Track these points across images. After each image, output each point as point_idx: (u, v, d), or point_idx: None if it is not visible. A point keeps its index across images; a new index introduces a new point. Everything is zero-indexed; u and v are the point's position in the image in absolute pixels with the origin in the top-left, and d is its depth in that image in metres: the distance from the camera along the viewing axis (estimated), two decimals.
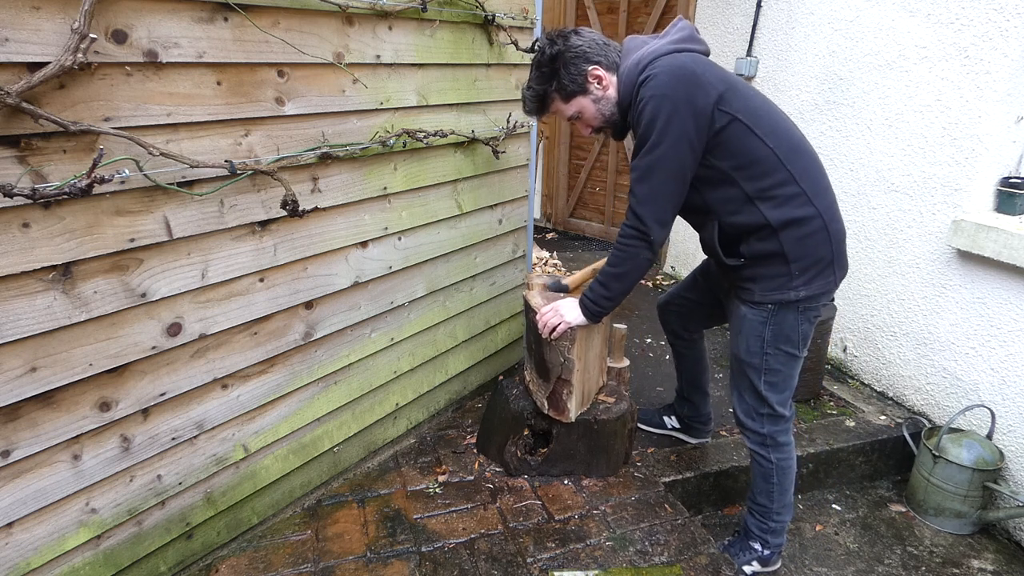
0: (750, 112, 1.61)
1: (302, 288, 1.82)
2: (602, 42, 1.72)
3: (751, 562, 2.01)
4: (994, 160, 2.40)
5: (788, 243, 1.64)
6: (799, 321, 1.73)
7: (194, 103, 1.44)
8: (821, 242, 1.66)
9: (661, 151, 1.59)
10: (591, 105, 1.75)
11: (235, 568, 1.78)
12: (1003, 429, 2.36)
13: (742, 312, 1.78)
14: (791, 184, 1.63)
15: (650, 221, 1.65)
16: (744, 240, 1.69)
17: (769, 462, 1.88)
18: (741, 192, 1.64)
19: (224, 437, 1.74)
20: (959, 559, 2.25)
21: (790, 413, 1.87)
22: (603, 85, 1.72)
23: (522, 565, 1.82)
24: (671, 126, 1.56)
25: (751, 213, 1.65)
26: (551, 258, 4.42)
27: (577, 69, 1.69)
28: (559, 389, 2.03)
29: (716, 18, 3.57)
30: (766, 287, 1.71)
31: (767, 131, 1.62)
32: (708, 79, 1.58)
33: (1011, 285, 2.30)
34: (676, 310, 2.21)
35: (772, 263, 1.68)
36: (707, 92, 1.56)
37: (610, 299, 1.81)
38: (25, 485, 1.37)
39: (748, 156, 1.62)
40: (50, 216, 1.27)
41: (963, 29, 2.37)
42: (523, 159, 2.55)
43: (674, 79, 1.56)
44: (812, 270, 1.67)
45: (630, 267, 1.73)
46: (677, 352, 2.32)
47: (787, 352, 1.76)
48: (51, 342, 1.33)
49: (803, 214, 1.64)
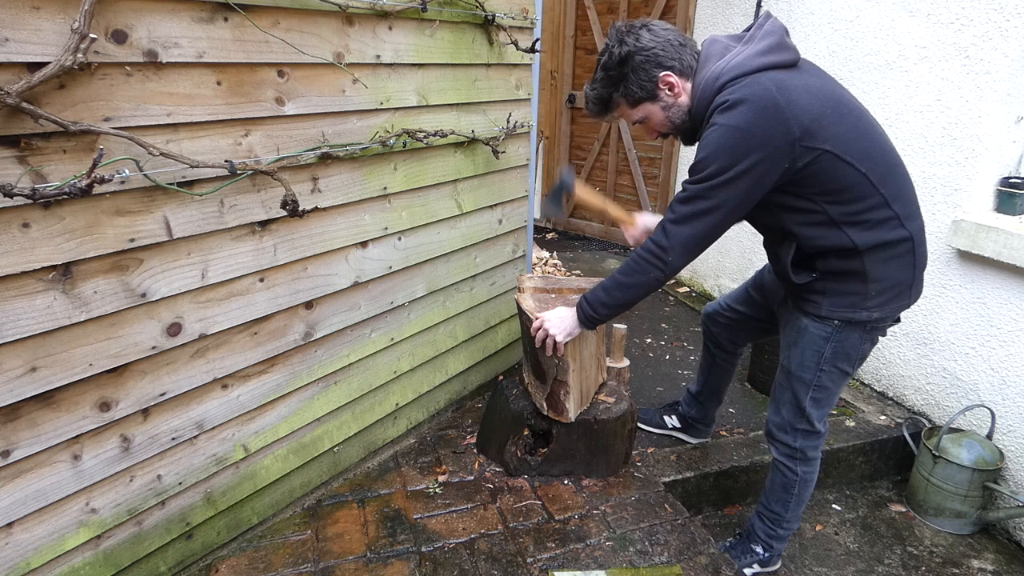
0: (841, 139, 1.45)
1: (302, 288, 1.82)
2: (677, 43, 1.55)
3: (752, 564, 2.01)
4: (994, 160, 2.40)
5: (871, 263, 1.54)
6: (862, 341, 1.64)
7: (194, 103, 1.44)
8: (905, 265, 1.57)
9: (715, 188, 1.46)
10: (660, 112, 1.61)
11: (235, 568, 1.78)
12: (1003, 429, 2.36)
13: (803, 324, 1.68)
14: (884, 208, 1.51)
15: (676, 245, 1.53)
16: (823, 257, 1.58)
17: (794, 474, 1.84)
18: (826, 217, 1.52)
19: (224, 437, 1.74)
20: (959, 559, 2.25)
21: (825, 430, 1.81)
22: (675, 92, 1.57)
23: (522, 565, 1.82)
24: (737, 164, 1.42)
25: (836, 237, 1.53)
26: (551, 258, 4.42)
27: (647, 75, 1.55)
28: (556, 390, 2.03)
29: (716, 18, 3.57)
30: (837, 303, 1.60)
31: (860, 156, 1.47)
32: (793, 112, 1.40)
33: (1011, 285, 2.30)
34: (725, 323, 2.12)
35: (848, 280, 1.57)
36: (789, 128, 1.41)
37: (608, 307, 1.71)
38: (25, 485, 1.37)
39: (838, 184, 1.48)
40: (50, 216, 1.27)
41: (963, 29, 2.37)
42: (523, 159, 2.55)
43: (754, 112, 1.40)
44: (889, 292, 1.58)
45: (638, 281, 1.63)
46: (713, 362, 2.24)
47: (842, 370, 1.68)
48: (51, 342, 1.33)
49: (894, 237, 1.53)
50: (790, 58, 1.50)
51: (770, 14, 1.56)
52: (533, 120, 2.53)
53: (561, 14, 4.68)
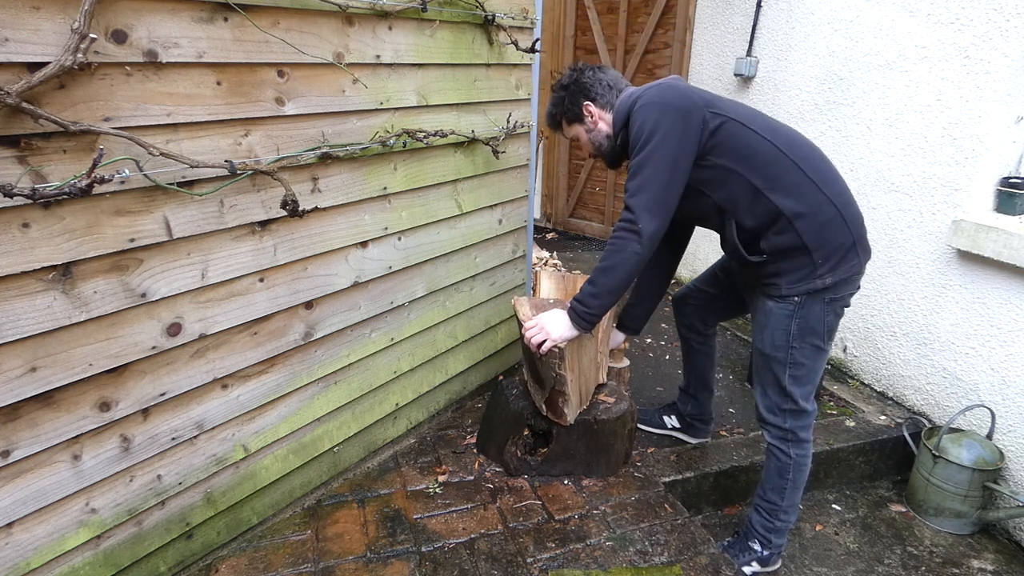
0: (741, 113, 1.73)
1: (302, 288, 1.82)
2: (607, 85, 1.89)
3: (751, 562, 2.01)
4: (994, 160, 2.40)
5: (806, 234, 1.67)
6: (825, 312, 1.75)
7: (194, 103, 1.44)
8: (838, 228, 1.69)
9: (651, 147, 1.67)
10: (584, 133, 1.95)
11: (235, 568, 1.78)
12: (1003, 429, 2.37)
13: (768, 307, 1.80)
14: (796, 172, 1.68)
15: (639, 211, 1.67)
16: (763, 236, 1.73)
17: (788, 457, 1.89)
18: (748, 184, 1.70)
19: (224, 437, 1.75)
20: (959, 559, 2.25)
21: (812, 408, 1.87)
22: (594, 120, 1.91)
23: (522, 565, 1.82)
24: (660, 125, 1.67)
25: (763, 204, 1.70)
26: (551, 258, 4.42)
27: (574, 100, 1.90)
28: (555, 398, 2.03)
29: (716, 18, 3.57)
30: (791, 279, 1.73)
31: (762, 127, 1.72)
32: (694, 91, 1.75)
33: (1011, 285, 2.30)
34: (695, 303, 2.22)
35: (794, 256, 1.71)
36: (694, 99, 1.71)
37: (597, 297, 1.75)
38: (25, 485, 1.37)
39: (748, 149, 1.69)
40: (50, 216, 1.27)
41: (963, 29, 2.37)
42: (523, 159, 2.55)
43: (662, 90, 1.74)
44: (835, 257, 1.70)
45: (618, 260, 1.71)
46: (690, 348, 2.32)
47: (813, 345, 1.78)
48: (51, 342, 1.33)
49: (815, 202, 1.68)
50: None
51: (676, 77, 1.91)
52: (533, 120, 2.53)
53: (561, 14, 4.68)
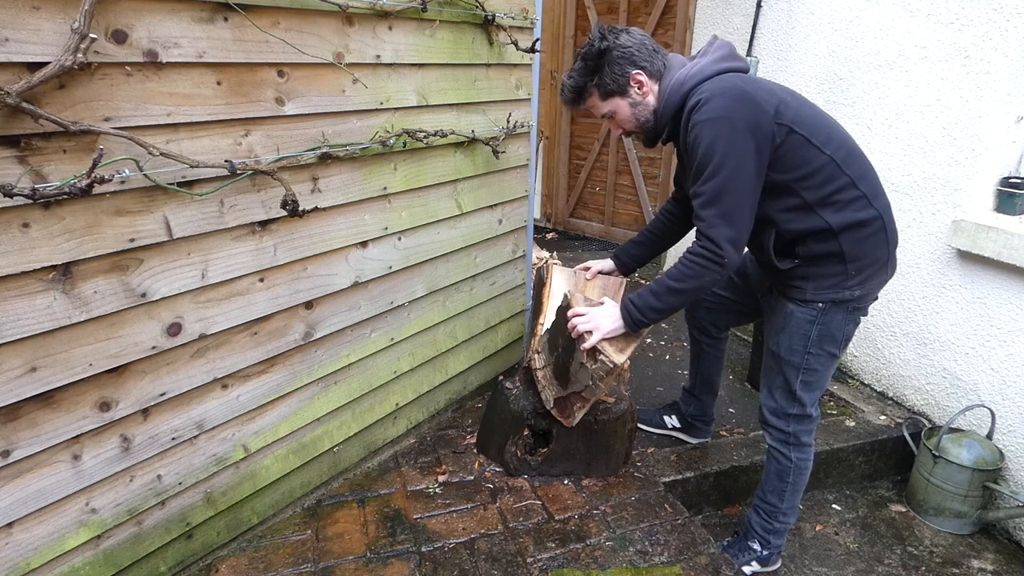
0: (804, 122, 1.59)
1: (302, 288, 1.82)
2: (651, 48, 1.69)
3: (750, 562, 2.01)
4: (994, 160, 2.40)
5: (848, 244, 1.63)
6: (846, 322, 1.72)
7: (194, 103, 1.44)
8: (880, 243, 1.66)
9: (727, 173, 1.54)
10: (627, 108, 1.72)
11: (235, 568, 1.78)
12: (1003, 429, 2.37)
13: (789, 310, 1.75)
14: (852, 188, 1.62)
15: (724, 243, 1.57)
16: (802, 242, 1.67)
17: (789, 460, 1.88)
18: (802, 201, 1.62)
19: (224, 437, 1.74)
20: (959, 559, 2.25)
21: (817, 414, 1.86)
22: (643, 91, 1.70)
23: (522, 565, 1.82)
24: (733, 147, 1.53)
25: (812, 220, 1.63)
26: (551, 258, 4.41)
27: (621, 70, 1.67)
28: (572, 400, 2.02)
29: (716, 18, 3.57)
30: (820, 286, 1.68)
31: (824, 140, 1.60)
32: (760, 96, 1.56)
33: (1011, 285, 2.30)
34: (708, 307, 2.17)
35: (828, 263, 1.66)
36: (763, 109, 1.55)
37: (658, 312, 1.72)
38: (25, 485, 1.37)
39: (809, 166, 1.60)
40: (50, 216, 1.27)
41: (963, 29, 2.37)
42: (523, 159, 2.55)
43: (728, 100, 1.54)
44: (868, 270, 1.67)
45: (693, 286, 1.65)
46: (700, 350, 2.29)
47: (829, 352, 1.75)
48: (51, 342, 1.33)
49: (865, 216, 1.63)
50: (743, 65, 1.68)
51: (717, 36, 1.73)
52: (533, 120, 2.53)
53: (561, 14, 4.68)
